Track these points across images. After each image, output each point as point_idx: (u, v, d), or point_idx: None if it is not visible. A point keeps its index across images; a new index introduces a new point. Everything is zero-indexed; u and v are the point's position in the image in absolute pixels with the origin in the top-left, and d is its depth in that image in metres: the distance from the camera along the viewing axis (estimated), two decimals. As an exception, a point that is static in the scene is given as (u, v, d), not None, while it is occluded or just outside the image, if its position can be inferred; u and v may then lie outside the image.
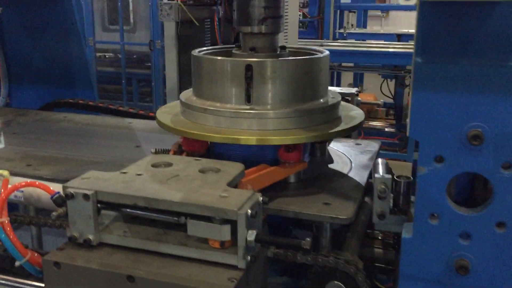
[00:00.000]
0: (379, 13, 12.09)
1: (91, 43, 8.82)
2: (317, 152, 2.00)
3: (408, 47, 7.03)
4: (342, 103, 2.05)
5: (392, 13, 10.28)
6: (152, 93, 8.92)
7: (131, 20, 10.09)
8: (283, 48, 2.01)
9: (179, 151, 1.96)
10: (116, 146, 2.34)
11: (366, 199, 1.89)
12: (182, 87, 4.38)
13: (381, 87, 8.34)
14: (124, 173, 1.56)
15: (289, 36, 4.39)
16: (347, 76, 9.10)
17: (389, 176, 1.68)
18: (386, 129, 8.78)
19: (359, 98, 3.10)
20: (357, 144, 2.36)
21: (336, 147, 2.30)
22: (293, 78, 1.82)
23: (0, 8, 3.45)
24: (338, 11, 9.02)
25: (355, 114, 2.05)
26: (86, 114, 2.91)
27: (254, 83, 1.79)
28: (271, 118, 1.79)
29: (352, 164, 2.07)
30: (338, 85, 8.56)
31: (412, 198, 1.74)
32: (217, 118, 1.83)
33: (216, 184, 1.48)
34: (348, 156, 2.18)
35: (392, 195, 1.69)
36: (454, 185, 1.61)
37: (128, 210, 1.45)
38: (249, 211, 1.33)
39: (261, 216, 1.45)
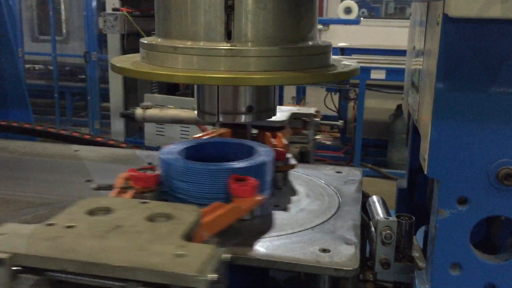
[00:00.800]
0: (320, 26, 12.19)
1: (20, 54, 8.20)
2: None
3: (351, 60, 7.02)
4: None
5: (333, 27, 10.36)
6: (87, 107, 8.40)
7: (64, 30, 9.54)
8: None
9: (124, 187, 1.65)
10: (62, 181, 2.00)
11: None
12: (127, 103, 4.05)
13: (325, 100, 8.31)
14: (51, 224, 1.22)
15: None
16: (290, 89, 9.00)
17: (395, 219, 1.47)
18: (331, 143, 8.77)
19: (317, 119, 2.70)
20: (338, 172, 2.15)
21: (315, 176, 2.09)
22: (285, 11, 1.51)
23: None
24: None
25: (348, 63, 1.77)
26: (22, 140, 2.53)
27: (236, 15, 1.47)
28: (257, 57, 1.46)
29: (340, 199, 1.85)
30: (281, 97, 8.43)
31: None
32: (189, 58, 1.48)
33: (169, 236, 1.17)
34: (332, 188, 1.96)
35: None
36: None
37: (56, 274, 1.11)
38: (212, 275, 1.03)
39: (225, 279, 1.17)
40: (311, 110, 2.65)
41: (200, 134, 2.15)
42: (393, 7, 19.89)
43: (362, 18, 9.77)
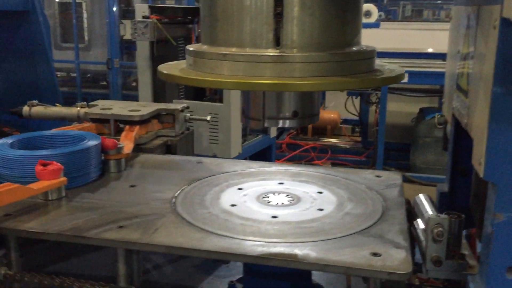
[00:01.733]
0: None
1: (44, 62, 8.34)
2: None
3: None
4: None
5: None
6: (110, 113, 8.49)
7: (86, 38, 9.67)
8: None
9: None
10: (107, 187, 2.02)
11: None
12: (156, 110, 4.09)
13: (345, 104, 8.29)
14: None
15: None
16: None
17: (445, 216, 1.47)
18: (351, 147, 8.74)
19: (187, 114, 2.85)
20: (378, 176, 2.15)
21: (354, 180, 2.10)
22: (332, 16, 1.52)
23: (-45, 26, 3.06)
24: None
25: (392, 67, 1.77)
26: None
27: (285, 22, 1.47)
28: (305, 63, 1.48)
29: (384, 203, 1.86)
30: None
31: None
32: (238, 64, 1.49)
33: None
34: (374, 191, 1.97)
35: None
36: None
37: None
38: None
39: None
40: (178, 107, 2.81)
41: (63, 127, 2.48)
42: (410, 10, 19.77)
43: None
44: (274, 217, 1.75)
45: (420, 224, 1.64)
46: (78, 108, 2.72)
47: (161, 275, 2.24)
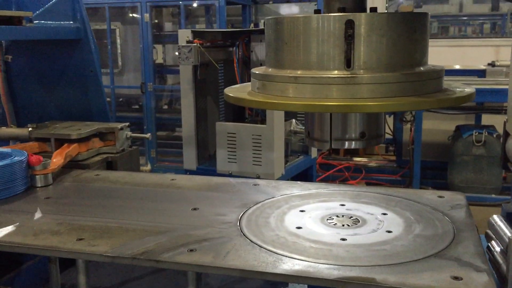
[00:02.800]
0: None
1: (81, 88, 8.54)
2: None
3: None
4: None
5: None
6: (143, 136, 8.60)
7: (119, 63, 9.88)
8: (373, 9, 1.69)
9: None
10: (170, 210, 2.04)
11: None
12: (199, 131, 4.13)
13: (378, 123, 8.21)
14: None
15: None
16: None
17: (531, 240, 1.44)
18: (385, 166, 8.64)
19: (128, 132, 3.08)
20: (440, 196, 2.12)
21: (417, 200, 2.07)
22: (403, 37, 1.52)
23: (9, 56, 3.17)
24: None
25: (461, 87, 1.75)
26: (118, 171, 2.61)
27: (356, 44, 1.47)
28: (378, 84, 1.47)
29: (452, 224, 1.82)
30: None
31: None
32: (310, 87, 1.50)
33: None
34: (439, 212, 1.93)
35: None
36: None
37: None
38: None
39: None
40: (118, 126, 3.00)
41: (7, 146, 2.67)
42: (437, 27, 19.70)
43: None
44: (343, 239, 1.74)
45: (496, 246, 1.60)
46: (30, 128, 2.89)
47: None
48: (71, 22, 3.02)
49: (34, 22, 2.80)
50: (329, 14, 1.53)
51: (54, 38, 2.99)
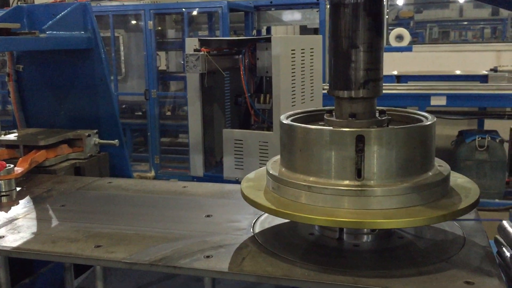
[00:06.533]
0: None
1: (85, 95, 8.59)
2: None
3: (411, 88, 7.01)
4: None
5: (386, 55, 10.36)
6: (147, 143, 8.65)
7: (123, 70, 9.94)
8: (382, 112, 1.82)
9: None
10: (184, 217, 2.08)
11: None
12: (205, 138, 4.17)
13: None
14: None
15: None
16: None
17: (539, 244, 1.48)
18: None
19: (95, 139, 3.11)
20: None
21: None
22: (411, 148, 1.65)
23: (21, 66, 3.21)
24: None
25: (458, 178, 1.86)
26: (131, 178, 2.66)
27: (366, 156, 1.61)
28: (392, 196, 1.59)
29: (462, 230, 1.86)
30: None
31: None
32: (320, 196, 1.62)
33: None
34: (449, 218, 1.97)
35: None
36: None
37: None
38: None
39: None
40: (86, 133, 3.07)
41: None
42: (437, 32, 19.74)
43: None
44: (356, 245, 1.77)
45: (506, 251, 1.64)
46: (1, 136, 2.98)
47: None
48: (82, 32, 3.07)
49: (47, 32, 2.84)
50: (341, 129, 1.67)
51: (65, 48, 3.04)
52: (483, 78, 7.58)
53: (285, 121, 1.79)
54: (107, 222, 2.01)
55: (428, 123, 1.71)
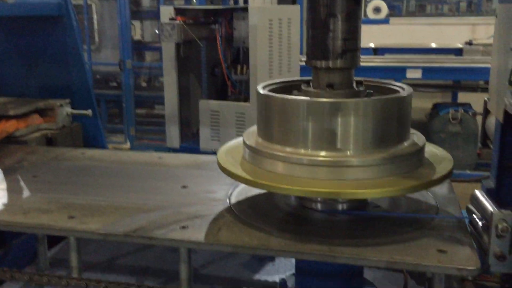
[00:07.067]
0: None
1: (57, 64, 8.37)
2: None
3: (387, 61, 7.03)
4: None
5: (364, 27, 10.31)
6: (122, 114, 8.53)
7: (96, 40, 9.70)
8: (359, 83, 1.81)
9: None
10: (159, 188, 2.06)
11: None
12: (182, 109, 4.12)
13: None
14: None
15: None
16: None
17: (510, 211, 1.50)
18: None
19: (68, 109, 3.05)
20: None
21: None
22: (387, 119, 1.64)
23: (-12, 34, 3.10)
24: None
25: (432, 149, 1.87)
26: (104, 149, 2.61)
27: (343, 126, 1.60)
28: (368, 166, 1.59)
29: (434, 199, 1.89)
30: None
31: None
32: (292, 166, 1.62)
33: None
34: (423, 189, 2.00)
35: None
36: None
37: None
38: None
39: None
40: (58, 103, 3.00)
41: None
42: (414, 5, 19.75)
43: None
44: (331, 215, 1.79)
45: (478, 220, 1.67)
46: None
47: (209, 272, 2.29)
48: (52, -2, 2.96)
49: (15, -2, 2.74)
50: (318, 99, 1.66)
51: (34, 14, 2.93)
52: (458, 51, 7.64)
53: (262, 91, 1.77)
54: (80, 193, 1.98)
55: (405, 94, 1.72)
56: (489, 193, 2.09)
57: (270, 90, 1.82)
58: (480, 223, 1.63)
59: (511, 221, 1.49)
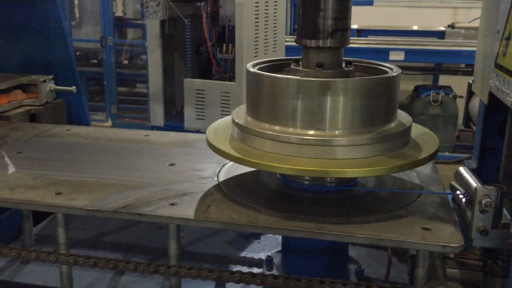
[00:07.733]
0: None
1: (36, 40, 8.18)
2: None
3: (370, 43, 7.05)
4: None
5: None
6: (103, 92, 8.41)
7: (77, 15, 9.49)
8: (348, 63, 1.82)
9: None
10: (147, 165, 2.06)
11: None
12: (166, 87, 4.09)
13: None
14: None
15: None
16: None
17: (493, 187, 1.54)
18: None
19: (51, 85, 3.00)
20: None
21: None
22: (375, 99, 1.67)
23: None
24: (293, 6, 8.90)
25: (420, 130, 1.90)
26: (89, 126, 2.58)
27: (332, 106, 1.61)
28: (355, 145, 1.61)
29: (419, 179, 1.93)
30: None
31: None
32: (279, 144, 1.64)
33: None
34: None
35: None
36: None
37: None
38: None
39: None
40: (41, 78, 2.95)
41: None
42: (398, -13, 19.75)
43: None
44: (319, 193, 1.81)
45: (461, 196, 1.71)
46: None
47: (197, 249, 2.31)
48: (33, -30, 2.89)
49: (-5, -31, 2.66)
50: (308, 78, 1.67)
51: (15, -14, 2.86)
52: (441, 34, 7.70)
53: (252, 70, 1.77)
54: (67, 170, 1.97)
55: (394, 74, 1.73)
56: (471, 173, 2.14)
57: (260, 69, 1.82)
58: (463, 199, 1.67)
59: (494, 196, 1.52)
